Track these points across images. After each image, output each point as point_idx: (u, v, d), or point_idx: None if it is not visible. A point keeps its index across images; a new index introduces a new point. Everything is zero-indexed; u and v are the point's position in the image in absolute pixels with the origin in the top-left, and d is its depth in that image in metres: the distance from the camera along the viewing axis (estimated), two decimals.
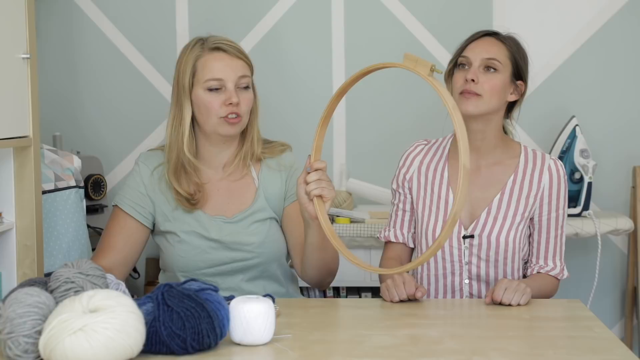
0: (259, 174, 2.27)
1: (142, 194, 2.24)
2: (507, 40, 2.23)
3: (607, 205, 3.27)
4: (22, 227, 2.14)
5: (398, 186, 2.34)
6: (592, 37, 3.23)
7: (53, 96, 3.31)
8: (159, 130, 3.33)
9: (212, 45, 2.18)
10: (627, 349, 1.66)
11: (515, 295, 2.00)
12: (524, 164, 2.25)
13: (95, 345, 1.48)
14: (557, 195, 2.23)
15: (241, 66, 2.19)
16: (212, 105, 2.15)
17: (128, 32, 3.32)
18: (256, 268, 2.22)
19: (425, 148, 2.34)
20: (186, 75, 2.17)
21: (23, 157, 2.13)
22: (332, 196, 1.99)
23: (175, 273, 2.23)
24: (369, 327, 1.86)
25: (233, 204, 2.24)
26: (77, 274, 1.66)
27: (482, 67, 2.19)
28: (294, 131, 3.18)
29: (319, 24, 3.29)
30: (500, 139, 2.26)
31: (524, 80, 2.25)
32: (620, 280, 3.30)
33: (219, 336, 1.64)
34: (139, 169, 2.27)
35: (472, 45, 2.22)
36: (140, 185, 2.25)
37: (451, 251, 2.23)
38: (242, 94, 2.18)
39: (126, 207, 2.23)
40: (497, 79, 2.18)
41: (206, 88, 2.16)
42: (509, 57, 2.21)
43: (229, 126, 2.17)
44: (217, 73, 2.15)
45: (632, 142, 3.25)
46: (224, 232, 2.20)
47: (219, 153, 2.25)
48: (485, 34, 2.25)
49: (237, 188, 2.25)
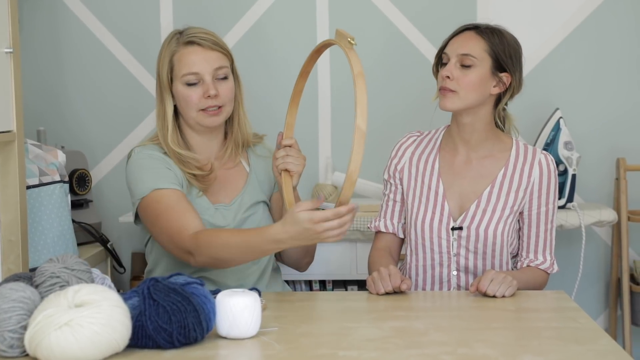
0: (248, 160, 2.30)
1: (168, 169, 2.16)
2: (486, 33, 2.20)
3: (591, 197, 3.28)
4: (7, 223, 2.13)
5: (389, 177, 2.35)
6: (575, 29, 3.24)
7: (36, 91, 3.29)
8: (144, 125, 3.32)
9: (186, 39, 2.17)
10: (611, 339, 1.68)
11: (500, 287, 2.01)
12: (515, 158, 2.25)
13: (81, 340, 1.48)
14: (547, 190, 2.23)
15: (216, 57, 2.18)
16: (191, 98, 2.16)
17: (112, 26, 3.30)
18: None
19: (417, 139, 2.35)
20: (164, 71, 2.18)
21: (7, 152, 2.12)
22: (298, 170, 2.09)
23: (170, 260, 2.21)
24: (355, 320, 1.87)
25: (230, 191, 2.25)
26: (63, 268, 1.65)
27: (459, 63, 2.18)
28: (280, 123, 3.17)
29: (303, 17, 3.29)
30: (491, 131, 2.26)
31: (510, 72, 2.21)
32: (604, 271, 3.32)
33: (206, 330, 1.64)
34: (146, 154, 2.18)
35: (452, 41, 2.22)
36: (158, 163, 2.16)
37: (440, 242, 2.24)
38: (221, 84, 2.18)
39: (167, 184, 2.11)
40: (473, 74, 2.17)
41: (184, 83, 2.16)
42: (486, 51, 2.18)
43: (210, 117, 2.18)
44: (192, 67, 2.15)
45: (616, 134, 3.26)
46: (228, 219, 2.21)
47: (207, 142, 2.25)
48: (466, 29, 2.23)
49: (230, 175, 2.27)
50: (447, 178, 2.27)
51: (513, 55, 2.21)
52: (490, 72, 2.19)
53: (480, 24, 2.24)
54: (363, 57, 3.28)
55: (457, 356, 1.57)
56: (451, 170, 2.27)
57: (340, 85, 3.30)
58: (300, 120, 3.30)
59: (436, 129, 2.35)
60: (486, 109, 2.22)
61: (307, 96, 3.30)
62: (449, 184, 2.26)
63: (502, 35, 2.22)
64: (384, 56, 3.28)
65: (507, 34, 2.23)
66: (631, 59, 3.24)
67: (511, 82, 2.22)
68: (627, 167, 3.15)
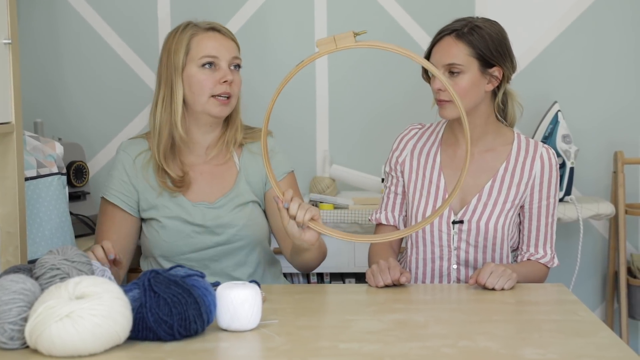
0: (240, 158, 2.28)
1: (126, 183, 2.24)
2: (465, 36, 2.15)
3: (589, 191, 3.29)
4: (5, 215, 2.12)
5: (391, 169, 2.35)
6: (573, 22, 3.24)
7: (34, 82, 3.28)
8: (141, 117, 3.31)
9: (207, 25, 2.22)
10: (611, 332, 1.68)
11: (499, 280, 2.01)
12: (517, 152, 2.25)
13: (81, 332, 1.48)
14: (548, 184, 2.23)
15: (233, 47, 2.22)
16: (205, 82, 2.17)
17: (110, 19, 3.29)
18: (240, 252, 2.22)
19: (419, 132, 2.34)
20: (179, 54, 2.19)
21: (5, 143, 2.11)
22: (318, 212, 1.98)
23: (157, 259, 2.23)
24: (355, 312, 1.87)
25: (216, 189, 2.24)
26: (63, 260, 1.65)
27: (446, 72, 2.16)
28: (276, 115, 3.15)
29: (301, 11, 3.28)
30: (492, 125, 2.25)
31: (499, 64, 2.18)
32: (602, 264, 3.32)
33: (206, 322, 1.64)
34: (121, 158, 2.27)
35: (434, 50, 2.19)
36: (122, 174, 2.25)
37: (440, 236, 2.24)
38: (235, 74, 2.22)
39: (112, 197, 2.24)
40: (463, 80, 2.15)
41: (200, 64, 2.18)
42: (470, 54, 2.15)
43: (220, 106, 2.19)
44: (212, 50, 2.18)
45: (614, 127, 3.26)
46: (207, 217, 2.21)
47: (203, 135, 2.25)
48: (445, 34, 2.18)
49: (219, 172, 2.26)
50: (448, 172, 2.27)
51: (498, 47, 2.17)
52: (480, 73, 2.17)
53: (456, 26, 2.18)
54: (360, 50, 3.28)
55: (458, 349, 1.57)
56: (452, 164, 2.27)
57: (338, 77, 3.30)
58: (298, 113, 3.31)
59: (437, 122, 2.35)
60: (485, 105, 2.22)
61: (305, 90, 3.31)
62: (450, 178, 2.26)
63: (482, 30, 2.16)
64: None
65: (486, 27, 2.17)
66: (629, 52, 3.24)
67: (503, 73, 2.20)
68: (624, 160, 3.15)
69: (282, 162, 2.30)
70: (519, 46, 3.20)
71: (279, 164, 2.28)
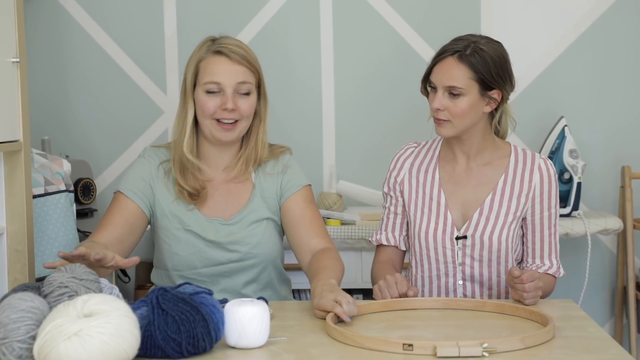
0: (256, 174, 2.27)
1: (145, 182, 2.22)
2: (467, 58, 2.14)
3: (596, 205, 3.28)
4: (13, 232, 2.13)
5: (389, 189, 2.35)
6: (580, 36, 3.25)
7: (41, 100, 3.29)
8: (148, 134, 3.32)
9: (216, 48, 2.18)
10: (621, 348, 1.67)
11: (529, 299, 1.99)
12: (514, 164, 2.25)
13: (90, 350, 1.47)
14: (549, 194, 2.24)
15: (242, 72, 2.18)
16: (207, 106, 2.16)
17: (116, 36, 3.31)
18: (252, 269, 2.22)
19: (415, 150, 2.34)
20: (189, 75, 2.19)
21: (13, 161, 2.12)
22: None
23: (169, 271, 2.22)
24: (363, 328, 1.86)
25: (231, 205, 2.24)
26: (71, 278, 1.65)
27: (446, 92, 2.17)
28: (283, 131, 3.18)
29: (306, 27, 3.29)
30: (489, 140, 2.26)
31: (499, 88, 2.18)
32: (610, 279, 3.31)
33: (214, 340, 1.63)
34: (146, 160, 2.26)
35: (436, 69, 2.19)
36: (146, 172, 2.23)
37: (444, 252, 2.23)
38: (242, 100, 2.18)
39: (128, 192, 2.20)
40: (463, 102, 2.15)
41: (205, 90, 2.17)
42: (472, 77, 2.14)
43: (223, 132, 2.18)
44: (215, 76, 2.16)
45: (621, 142, 3.26)
46: (220, 234, 2.20)
47: (219, 153, 2.25)
48: (447, 54, 2.17)
49: (235, 189, 2.25)
50: (448, 188, 2.27)
51: (499, 70, 2.17)
52: (479, 95, 2.17)
53: (459, 47, 2.16)
54: (366, 65, 3.30)
55: None
56: (452, 179, 2.27)
57: (345, 93, 3.30)
58: (305, 129, 3.32)
59: (433, 139, 2.34)
60: (482, 123, 2.23)
61: (312, 106, 3.31)
62: (450, 194, 2.26)
63: (484, 53, 2.15)
64: (387, 64, 3.28)
65: (488, 49, 2.16)
66: (636, 67, 3.24)
67: (502, 95, 2.20)
68: (632, 175, 3.15)
69: (297, 175, 2.28)
70: (525, 60, 3.22)
71: (293, 177, 2.27)
